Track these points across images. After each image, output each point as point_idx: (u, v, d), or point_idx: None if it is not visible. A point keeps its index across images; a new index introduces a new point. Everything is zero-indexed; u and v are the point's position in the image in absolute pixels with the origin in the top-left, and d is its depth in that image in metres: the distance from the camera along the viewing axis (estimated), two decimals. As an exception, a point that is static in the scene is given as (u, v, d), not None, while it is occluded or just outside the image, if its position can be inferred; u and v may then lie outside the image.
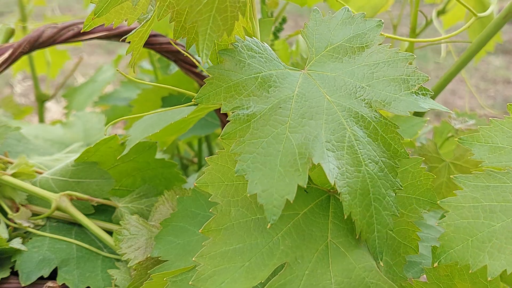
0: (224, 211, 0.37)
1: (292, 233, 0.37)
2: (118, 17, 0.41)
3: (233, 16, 0.35)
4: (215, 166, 0.38)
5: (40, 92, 1.08)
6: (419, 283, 0.39)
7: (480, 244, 0.36)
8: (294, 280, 0.35)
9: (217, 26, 0.35)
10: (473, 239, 0.36)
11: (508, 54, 2.58)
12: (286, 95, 0.37)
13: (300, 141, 0.34)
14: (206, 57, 0.35)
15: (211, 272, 0.35)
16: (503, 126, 0.41)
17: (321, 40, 0.41)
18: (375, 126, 0.37)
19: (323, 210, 0.38)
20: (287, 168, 0.33)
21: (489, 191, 0.37)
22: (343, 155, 0.35)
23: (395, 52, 0.40)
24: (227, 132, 0.35)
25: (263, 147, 0.34)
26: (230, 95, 0.36)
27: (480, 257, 0.35)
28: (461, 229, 0.37)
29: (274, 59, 0.39)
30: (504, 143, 0.40)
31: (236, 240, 0.36)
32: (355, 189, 0.35)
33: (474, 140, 0.41)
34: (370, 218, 0.35)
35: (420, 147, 0.59)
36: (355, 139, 0.36)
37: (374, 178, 0.36)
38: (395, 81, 0.38)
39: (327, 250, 0.36)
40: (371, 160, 0.36)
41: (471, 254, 0.36)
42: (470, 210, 0.37)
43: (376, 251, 0.36)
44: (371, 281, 0.36)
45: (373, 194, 0.35)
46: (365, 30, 0.41)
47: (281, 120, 0.35)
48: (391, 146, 0.37)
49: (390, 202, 0.36)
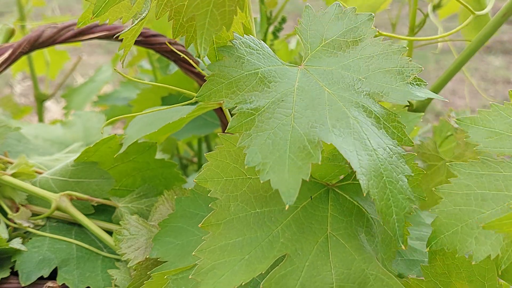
0: (224, 206, 0.37)
1: (292, 226, 0.37)
2: (113, 15, 0.41)
3: (231, 10, 0.35)
4: (214, 162, 0.39)
5: (39, 92, 1.08)
6: (416, 281, 0.39)
7: (469, 230, 0.37)
8: (294, 271, 0.35)
9: (215, 20, 0.35)
10: (463, 226, 0.37)
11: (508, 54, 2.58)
12: (287, 89, 0.37)
13: (307, 129, 0.34)
14: (205, 51, 0.35)
15: (211, 266, 0.35)
16: (502, 112, 0.41)
17: (315, 35, 0.42)
18: (376, 115, 0.37)
19: (322, 203, 0.39)
20: (298, 154, 0.33)
21: (482, 179, 0.38)
22: (351, 140, 0.35)
23: (388, 45, 0.40)
24: (232, 126, 0.35)
25: (270, 138, 0.34)
26: (231, 91, 0.36)
27: (467, 243, 0.36)
28: (453, 215, 0.37)
29: (272, 56, 0.39)
30: (502, 128, 0.41)
31: (236, 234, 0.36)
32: (369, 170, 0.34)
33: (472, 122, 0.41)
34: (387, 200, 0.35)
35: (419, 145, 0.59)
36: (360, 126, 0.36)
37: (385, 163, 0.35)
38: (390, 72, 0.39)
39: (326, 242, 0.37)
40: (379, 146, 0.36)
41: (459, 239, 0.37)
42: (463, 197, 0.38)
43: (397, 234, 0.35)
44: (371, 272, 0.36)
45: (386, 177, 0.35)
46: (357, 24, 0.41)
47: (285, 112, 0.35)
48: (395, 134, 0.37)
49: (404, 186, 0.36)
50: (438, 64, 2.35)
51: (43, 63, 1.12)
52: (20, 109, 1.09)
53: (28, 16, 1.07)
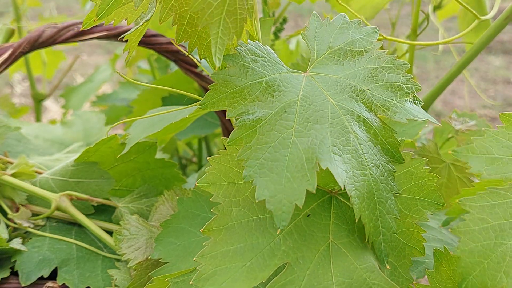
0: (226, 211, 0.37)
1: (294, 234, 0.37)
2: (118, 16, 0.41)
3: (242, 18, 0.35)
4: (217, 166, 0.38)
5: (37, 92, 1.08)
6: (421, 287, 0.39)
7: (495, 265, 0.35)
8: (295, 280, 0.35)
9: (227, 29, 0.34)
10: (488, 261, 0.36)
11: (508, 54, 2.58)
12: (290, 99, 0.37)
13: (307, 146, 0.34)
14: (219, 61, 0.34)
15: (212, 272, 0.35)
16: (498, 136, 0.41)
17: (322, 42, 0.42)
18: (375, 130, 0.37)
19: (324, 211, 0.38)
20: (295, 174, 0.33)
21: (495, 209, 0.37)
22: (349, 159, 0.35)
23: (392, 59, 0.40)
24: (233, 139, 0.35)
25: (269, 152, 0.34)
26: (235, 100, 0.36)
27: (498, 278, 0.35)
28: (475, 253, 0.36)
29: (277, 63, 0.39)
30: (500, 153, 0.40)
31: (237, 240, 0.36)
32: (362, 192, 0.35)
33: (469, 152, 0.41)
34: (376, 221, 0.36)
35: (421, 148, 0.59)
36: (359, 143, 0.36)
37: (377, 182, 0.36)
38: (392, 87, 0.39)
39: (328, 251, 0.36)
40: (373, 164, 0.36)
41: (489, 276, 0.35)
42: (481, 232, 0.37)
43: (382, 254, 0.36)
44: (373, 281, 0.35)
45: (377, 198, 0.36)
46: (362, 35, 0.42)
47: (287, 124, 0.35)
48: (388, 150, 0.38)
49: (392, 205, 0.36)
50: (438, 64, 2.35)
51: (40, 63, 1.12)
52: (17, 109, 1.08)
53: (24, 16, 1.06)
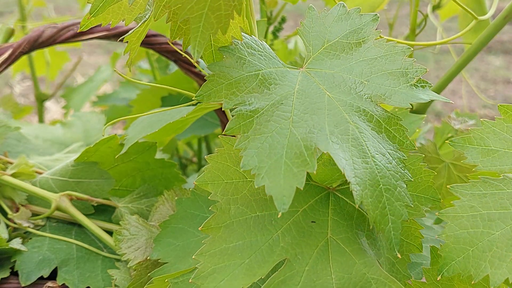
0: (224, 209, 0.37)
1: (292, 230, 0.37)
2: (115, 17, 0.41)
3: (227, 14, 0.35)
4: (215, 164, 0.38)
5: (40, 92, 1.08)
6: (418, 283, 0.39)
7: (480, 253, 0.35)
8: (294, 276, 0.35)
9: (211, 24, 0.34)
10: (473, 249, 0.36)
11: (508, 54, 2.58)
12: (287, 92, 0.37)
13: (305, 135, 0.34)
14: (198, 54, 0.34)
15: (211, 270, 0.35)
16: (495, 128, 0.40)
17: (317, 37, 0.41)
18: (377, 119, 0.37)
19: (322, 207, 0.38)
20: (294, 160, 0.33)
21: (486, 199, 0.37)
22: (348, 147, 0.35)
23: (392, 46, 0.40)
24: (230, 127, 0.35)
25: (267, 141, 0.34)
26: (231, 92, 0.36)
27: (482, 267, 0.35)
28: (461, 239, 0.36)
29: (273, 57, 0.39)
30: (497, 145, 0.40)
31: (236, 237, 0.36)
32: (364, 179, 0.34)
33: (466, 142, 0.40)
34: (383, 209, 0.35)
35: (420, 148, 0.59)
36: (359, 132, 0.36)
37: (382, 169, 0.35)
38: (393, 74, 0.38)
39: (327, 247, 0.36)
40: (378, 152, 0.35)
41: (473, 264, 0.35)
42: (469, 219, 0.37)
43: (392, 242, 0.35)
44: (372, 276, 0.35)
45: (383, 185, 0.35)
46: (361, 25, 0.41)
47: (284, 115, 0.35)
48: (396, 138, 0.37)
49: (402, 193, 0.35)
50: (438, 64, 2.35)
51: (43, 63, 1.12)
52: (20, 108, 1.08)
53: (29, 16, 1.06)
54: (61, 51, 1.17)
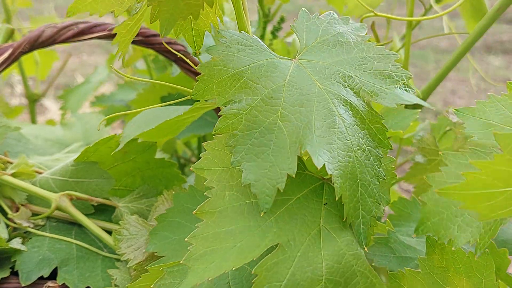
0: (219, 194, 0.38)
1: (285, 217, 0.37)
2: (104, 7, 0.42)
3: (197, 4, 0.37)
4: (212, 151, 0.39)
5: (31, 92, 1.07)
6: (412, 272, 0.39)
7: (453, 217, 0.38)
8: (286, 260, 0.35)
9: (180, 9, 0.36)
10: (448, 213, 0.39)
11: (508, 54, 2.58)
12: (277, 84, 0.38)
13: (292, 130, 0.36)
14: (166, 32, 0.37)
15: (203, 252, 0.35)
16: (499, 103, 0.42)
17: (311, 32, 0.43)
18: (362, 115, 0.38)
19: (316, 196, 0.39)
20: (279, 158, 0.35)
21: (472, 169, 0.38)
22: (334, 140, 0.36)
23: (381, 49, 0.41)
24: (219, 127, 0.36)
25: (256, 138, 0.36)
26: (222, 89, 0.37)
27: (450, 229, 0.38)
28: (440, 203, 0.39)
29: (265, 50, 0.40)
30: (496, 120, 0.41)
31: (229, 222, 0.36)
32: (345, 172, 0.36)
33: (470, 113, 0.42)
34: (356, 203, 0.37)
35: (419, 140, 0.60)
36: (345, 126, 0.37)
37: (362, 165, 0.37)
38: (381, 74, 0.40)
39: (319, 235, 0.37)
40: (359, 147, 0.37)
41: (444, 226, 0.38)
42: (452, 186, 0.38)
43: (361, 236, 0.37)
44: (359, 269, 0.37)
45: (360, 180, 0.37)
46: (350, 30, 0.43)
47: (273, 109, 0.36)
48: (376, 136, 0.39)
49: (374, 190, 0.38)
50: (438, 64, 2.35)
51: (32, 63, 1.12)
52: (11, 108, 1.08)
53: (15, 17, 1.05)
54: (49, 50, 1.16)
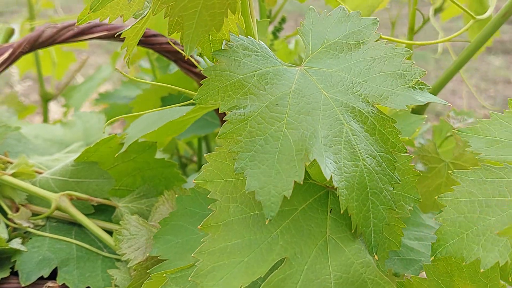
0: (223, 207, 0.37)
1: (291, 229, 0.37)
2: (113, 12, 0.41)
3: (221, 12, 0.35)
4: (214, 163, 0.39)
5: (45, 91, 1.08)
6: (418, 279, 0.39)
7: (474, 237, 0.36)
8: (293, 274, 0.35)
9: (204, 21, 0.35)
10: (468, 233, 0.37)
11: (508, 54, 2.58)
12: (283, 92, 0.37)
13: (297, 138, 0.35)
14: (191, 50, 0.35)
15: (210, 268, 0.35)
16: (502, 120, 0.41)
17: (317, 37, 0.42)
18: (372, 120, 0.37)
19: (321, 205, 0.38)
20: (284, 165, 0.34)
21: (485, 186, 0.38)
22: (340, 150, 0.35)
23: (391, 48, 0.40)
24: (224, 132, 0.35)
25: (260, 144, 0.35)
26: (227, 94, 0.36)
27: (474, 250, 0.36)
28: (457, 223, 0.37)
29: (271, 57, 0.39)
30: (502, 136, 0.41)
31: (235, 236, 0.36)
32: (352, 183, 0.35)
33: (472, 132, 0.41)
34: (366, 212, 0.36)
35: (419, 148, 0.59)
36: (352, 134, 0.36)
37: (371, 173, 0.36)
38: (392, 76, 0.39)
39: (326, 245, 0.37)
40: (368, 155, 0.36)
41: (466, 247, 0.36)
42: (467, 204, 0.37)
43: (372, 244, 0.36)
44: (369, 277, 0.36)
45: (370, 189, 0.36)
46: (361, 27, 0.42)
47: (278, 117, 0.36)
48: (388, 140, 0.37)
49: (388, 196, 0.37)
50: (438, 64, 2.35)
51: (49, 63, 1.12)
52: (24, 107, 1.08)
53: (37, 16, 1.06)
54: (67, 52, 1.17)
